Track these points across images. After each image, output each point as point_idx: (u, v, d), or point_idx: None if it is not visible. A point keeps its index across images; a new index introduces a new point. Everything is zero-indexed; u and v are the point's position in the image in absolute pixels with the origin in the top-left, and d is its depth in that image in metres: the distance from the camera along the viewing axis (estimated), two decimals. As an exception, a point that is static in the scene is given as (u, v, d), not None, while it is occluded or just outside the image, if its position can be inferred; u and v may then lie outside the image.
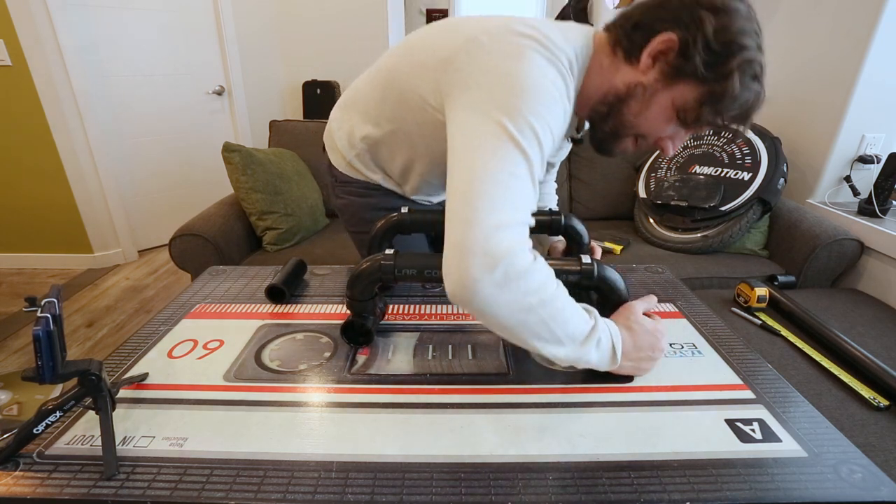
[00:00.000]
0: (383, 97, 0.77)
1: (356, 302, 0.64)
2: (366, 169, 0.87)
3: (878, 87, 1.42)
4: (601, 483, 0.44)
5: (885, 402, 0.86)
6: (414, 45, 0.73)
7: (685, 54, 0.59)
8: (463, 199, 0.52)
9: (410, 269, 0.61)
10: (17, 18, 1.98)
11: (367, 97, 0.80)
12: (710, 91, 0.60)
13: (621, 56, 0.64)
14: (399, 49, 0.76)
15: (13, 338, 1.83)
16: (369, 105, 0.80)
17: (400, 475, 0.45)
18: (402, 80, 0.72)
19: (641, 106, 0.64)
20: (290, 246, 1.71)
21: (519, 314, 0.50)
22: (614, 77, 0.65)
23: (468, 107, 0.58)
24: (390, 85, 0.75)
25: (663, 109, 0.63)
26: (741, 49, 0.58)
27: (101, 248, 2.43)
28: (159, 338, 0.68)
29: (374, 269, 0.62)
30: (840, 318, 1.14)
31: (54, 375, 0.45)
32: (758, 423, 0.51)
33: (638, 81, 0.63)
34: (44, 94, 2.10)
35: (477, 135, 0.55)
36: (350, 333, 0.65)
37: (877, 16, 1.34)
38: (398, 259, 0.61)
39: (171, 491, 0.43)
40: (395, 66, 0.74)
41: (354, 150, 0.85)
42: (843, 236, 1.40)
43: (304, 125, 2.06)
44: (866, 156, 1.52)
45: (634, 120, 0.66)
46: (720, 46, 0.58)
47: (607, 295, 0.62)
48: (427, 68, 0.67)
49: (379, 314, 0.69)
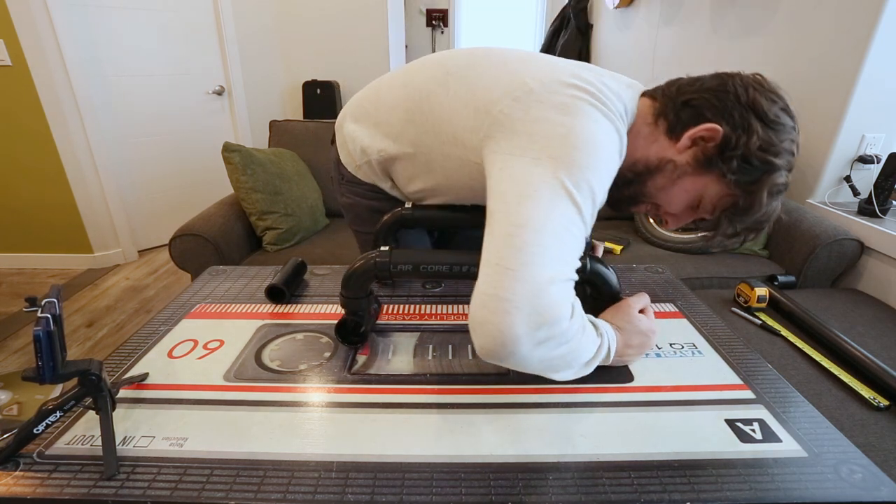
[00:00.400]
0: (409, 119, 0.72)
1: (350, 300, 0.64)
2: (374, 176, 0.84)
3: (878, 87, 1.42)
4: (601, 483, 0.44)
5: (885, 402, 0.86)
6: (451, 72, 0.69)
7: (724, 151, 0.58)
8: (511, 247, 0.49)
9: (406, 265, 0.61)
10: (17, 18, 1.98)
11: (391, 114, 0.76)
12: (734, 197, 0.61)
13: (663, 128, 0.63)
14: (433, 71, 0.72)
15: (13, 338, 1.83)
16: (392, 122, 0.75)
17: (400, 475, 0.45)
18: (437, 111, 0.69)
19: (667, 182, 0.64)
20: (290, 246, 1.71)
21: (547, 363, 0.51)
22: (650, 147, 0.64)
23: (517, 153, 0.56)
24: (420, 110, 0.71)
25: (686, 192, 0.64)
26: (776, 169, 0.58)
27: (101, 248, 2.43)
28: (159, 338, 0.67)
29: (368, 267, 0.62)
30: (840, 318, 1.14)
31: (54, 375, 0.45)
32: (758, 423, 0.51)
33: (671, 159, 0.62)
34: (44, 94, 2.10)
35: (530, 183, 0.53)
36: (343, 332, 0.65)
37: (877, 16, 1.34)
38: (394, 256, 0.61)
39: (171, 491, 0.43)
40: (430, 93, 0.70)
41: (366, 158, 0.81)
42: (843, 236, 1.40)
43: (304, 125, 2.06)
44: (866, 156, 1.52)
45: (656, 193, 0.65)
46: (759, 161, 0.58)
47: (600, 288, 0.63)
48: (467, 105, 0.64)
49: (373, 314, 0.69)
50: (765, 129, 0.57)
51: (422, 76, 0.73)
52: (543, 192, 0.52)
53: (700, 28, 2.17)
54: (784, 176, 0.59)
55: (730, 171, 0.59)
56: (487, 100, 0.62)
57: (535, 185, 0.52)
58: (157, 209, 2.61)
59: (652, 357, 0.63)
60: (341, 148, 0.87)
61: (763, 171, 0.58)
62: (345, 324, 0.65)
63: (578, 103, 0.57)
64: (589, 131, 0.55)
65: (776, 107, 0.58)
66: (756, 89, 0.59)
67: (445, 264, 0.62)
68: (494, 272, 0.49)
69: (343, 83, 2.87)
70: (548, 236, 0.50)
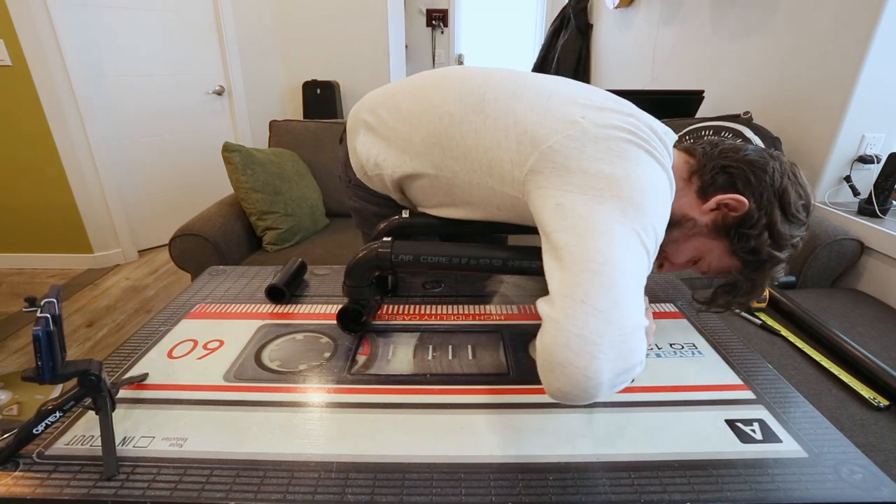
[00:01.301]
0: (436, 142, 0.68)
1: (353, 288, 0.66)
2: (385, 189, 0.80)
3: (878, 87, 1.42)
4: (601, 483, 0.44)
5: (885, 402, 0.86)
6: (488, 99, 0.65)
7: (741, 224, 0.60)
8: (599, 286, 0.47)
9: (407, 255, 0.63)
10: (17, 18, 1.98)
11: (413, 132, 0.71)
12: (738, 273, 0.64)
13: (695, 186, 0.63)
14: (466, 96, 0.67)
15: (13, 338, 1.83)
16: (414, 140, 0.71)
17: (400, 475, 0.45)
18: (471, 138, 0.65)
19: (682, 237, 0.65)
20: (290, 246, 1.71)
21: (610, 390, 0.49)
22: (679, 201, 0.63)
23: (575, 191, 0.54)
24: (450, 135, 0.67)
25: (694, 250, 0.65)
26: (779, 262, 0.62)
27: (101, 248, 2.43)
28: (159, 338, 0.67)
29: (371, 256, 0.63)
30: (840, 318, 1.14)
31: (54, 375, 0.45)
32: (758, 423, 0.51)
33: (693, 217, 0.63)
34: (44, 94, 2.10)
35: (601, 220, 0.51)
36: (345, 320, 0.67)
37: (877, 16, 1.34)
38: (395, 246, 0.63)
39: (170, 491, 0.43)
40: (463, 119, 0.66)
41: (379, 172, 0.76)
42: (843, 236, 1.40)
43: (304, 125, 2.06)
44: (866, 156, 1.52)
45: (668, 243, 0.65)
46: (770, 246, 0.60)
47: None
48: (508, 137, 0.62)
49: (375, 305, 0.70)
50: (784, 219, 0.59)
51: (451, 97, 0.68)
52: (617, 230, 0.50)
53: (700, 28, 2.17)
54: (785, 258, 0.62)
55: (740, 247, 0.61)
56: (535, 134, 0.59)
57: (608, 223, 0.51)
58: (157, 209, 2.61)
59: (652, 357, 0.63)
60: (352, 154, 0.82)
61: (770, 256, 0.61)
62: (347, 311, 0.66)
63: (633, 148, 0.56)
64: (647, 176, 0.55)
65: (801, 202, 0.60)
66: (789, 179, 0.60)
67: (445, 255, 0.63)
68: (581, 311, 0.46)
69: (343, 83, 2.87)
70: (630, 277, 0.49)
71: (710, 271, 0.67)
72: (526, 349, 0.64)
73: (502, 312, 0.74)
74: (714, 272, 0.67)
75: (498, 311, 0.74)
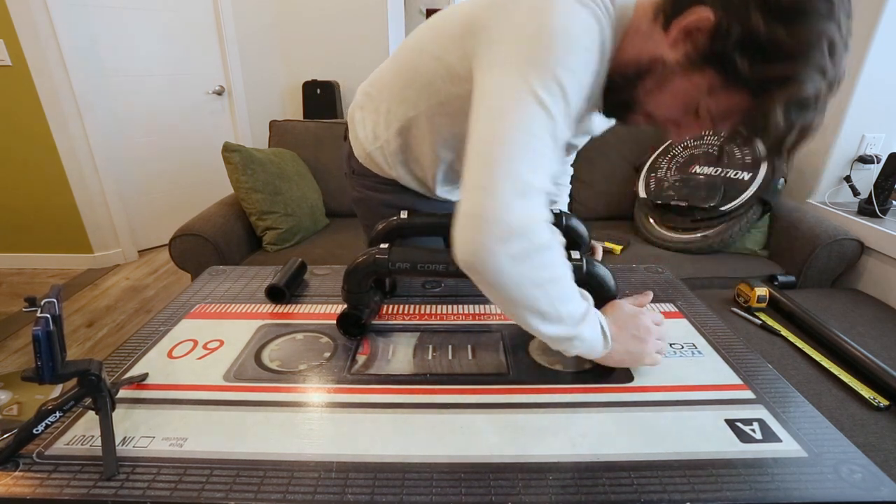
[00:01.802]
0: (406, 83, 0.74)
1: (351, 294, 0.66)
2: (385, 164, 0.83)
3: (878, 87, 1.42)
4: (601, 483, 0.44)
5: (885, 402, 0.86)
6: (436, 23, 0.71)
7: (714, 41, 0.49)
8: (480, 163, 0.50)
9: (404, 262, 0.63)
10: (17, 18, 1.98)
11: (391, 89, 0.78)
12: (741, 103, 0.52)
13: (661, 22, 0.54)
14: (417, 31, 0.75)
15: (13, 338, 1.84)
16: (394, 93, 0.77)
17: (400, 475, 0.45)
18: (426, 57, 0.69)
19: (654, 85, 0.57)
20: (290, 246, 1.71)
21: (528, 289, 0.49)
22: (645, 44, 0.56)
23: (491, 64, 0.55)
24: (413, 66, 0.72)
25: (674, 96, 0.56)
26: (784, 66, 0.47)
27: (101, 248, 2.43)
28: (159, 338, 0.67)
29: (368, 263, 0.64)
30: (840, 318, 1.14)
31: (54, 375, 0.45)
32: (758, 423, 0.51)
33: (660, 56, 0.54)
34: (44, 94, 2.10)
35: (497, 94, 0.51)
36: (345, 325, 0.67)
37: (877, 16, 1.34)
38: (392, 253, 0.63)
39: (170, 491, 0.43)
40: (416, 45, 0.72)
41: (378, 142, 0.81)
42: (843, 236, 1.40)
43: (304, 125, 2.06)
44: (866, 156, 1.52)
45: (645, 98, 0.59)
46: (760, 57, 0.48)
47: (597, 291, 0.63)
48: (454, 38, 0.64)
49: (374, 307, 0.70)
50: (767, 20, 0.46)
51: (407, 41, 0.76)
52: (509, 100, 0.51)
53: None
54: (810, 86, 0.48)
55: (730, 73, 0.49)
56: (470, 22, 0.61)
57: (502, 95, 0.51)
58: (157, 209, 2.61)
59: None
60: (353, 139, 0.86)
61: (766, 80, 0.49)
62: (346, 316, 0.67)
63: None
64: (560, 24, 0.51)
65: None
66: None
67: (443, 263, 0.62)
68: (466, 191, 0.50)
69: (343, 83, 2.87)
70: (512, 147, 0.49)
71: (718, 119, 0.56)
72: (526, 349, 0.64)
73: (502, 312, 0.74)
74: (722, 119, 0.55)
75: (498, 311, 0.74)
